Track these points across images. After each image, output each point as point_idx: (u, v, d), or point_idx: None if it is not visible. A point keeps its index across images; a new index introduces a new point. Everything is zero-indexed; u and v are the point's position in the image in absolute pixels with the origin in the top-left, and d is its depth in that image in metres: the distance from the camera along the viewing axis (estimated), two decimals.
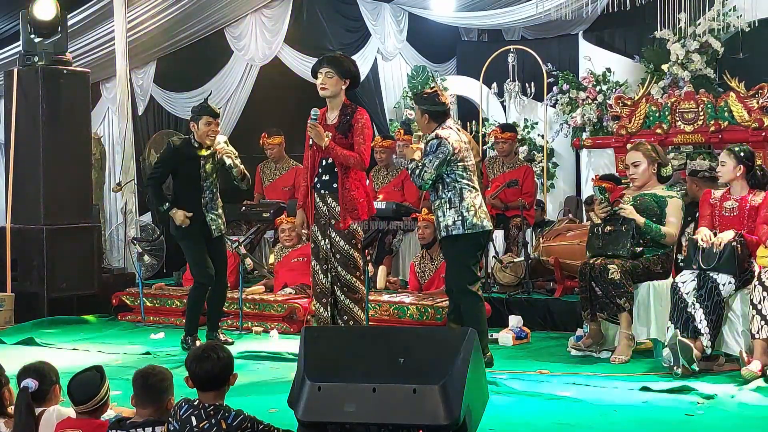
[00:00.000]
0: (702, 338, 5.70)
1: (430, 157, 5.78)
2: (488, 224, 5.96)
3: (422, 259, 8.04)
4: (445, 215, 5.84)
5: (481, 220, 5.85)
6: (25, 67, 8.47)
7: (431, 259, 7.95)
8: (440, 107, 5.90)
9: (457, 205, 5.82)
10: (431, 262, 7.95)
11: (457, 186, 5.83)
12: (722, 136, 8.12)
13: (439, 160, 5.76)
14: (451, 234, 5.83)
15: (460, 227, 5.80)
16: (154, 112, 10.95)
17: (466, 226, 5.80)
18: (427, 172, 5.77)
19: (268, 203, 9.17)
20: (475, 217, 5.81)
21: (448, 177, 5.83)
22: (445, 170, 5.81)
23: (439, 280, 7.80)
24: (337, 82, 5.87)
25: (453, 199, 5.83)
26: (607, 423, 4.71)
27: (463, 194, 5.83)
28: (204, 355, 3.46)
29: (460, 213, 5.80)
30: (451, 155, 5.78)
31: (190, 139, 6.84)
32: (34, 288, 8.22)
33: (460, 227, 5.80)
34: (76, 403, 3.52)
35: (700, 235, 5.92)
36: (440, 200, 5.87)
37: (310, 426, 3.44)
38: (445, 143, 5.78)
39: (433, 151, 5.79)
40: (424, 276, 7.98)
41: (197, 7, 10.12)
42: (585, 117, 10.73)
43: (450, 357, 3.43)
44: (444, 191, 5.85)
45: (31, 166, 8.38)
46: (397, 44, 11.94)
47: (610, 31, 11.38)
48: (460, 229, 5.80)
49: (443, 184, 5.86)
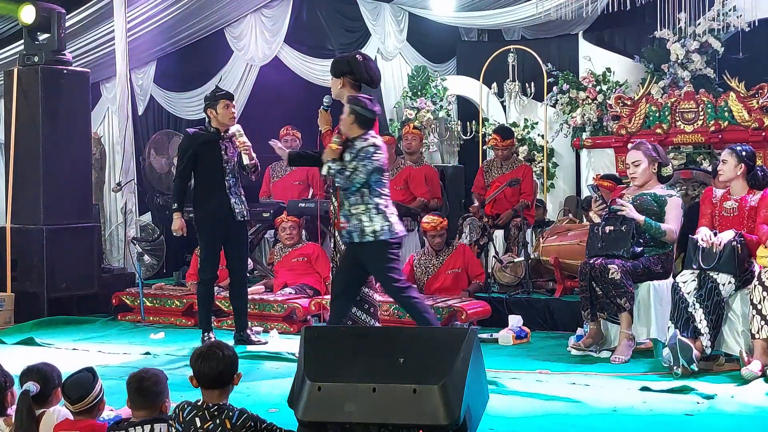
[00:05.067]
0: (702, 338, 5.70)
1: (365, 161, 5.83)
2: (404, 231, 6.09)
3: (425, 256, 7.98)
4: (373, 220, 5.88)
5: (401, 227, 5.99)
6: (25, 67, 8.47)
7: (436, 255, 7.90)
8: (370, 115, 5.96)
9: (384, 212, 5.91)
10: (436, 257, 7.90)
11: (381, 193, 5.93)
12: (722, 136, 8.12)
13: (373, 166, 5.85)
14: (380, 239, 5.87)
15: (387, 232, 5.87)
16: (154, 112, 10.97)
17: (392, 232, 5.89)
18: (359, 176, 5.82)
19: (268, 203, 9.17)
20: (398, 225, 5.93)
21: (375, 184, 5.92)
22: (374, 178, 5.90)
23: (445, 277, 7.80)
24: (335, 82, 6.01)
25: (380, 205, 5.91)
26: (606, 423, 4.71)
27: (387, 202, 5.96)
28: (209, 353, 3.47)
29: (387, 219, 5.89)
30: (382, 164, 5.91)
31: (206, 126, 6.90)
32: (34, 288, 8.22)
33: (388, 232, 5.87)
34: (71, 402, 3.53)
35: (700, 235, 5.92)
36: (365, 206, 5.90)
37: (310, 426, 3.45)
38: (380, 152, 5.90)
39: (368, 156, 5.85)
40: (426, 273, 7.92)
41: (197, 7, 10.13)
42: (585, 117, 10.73)
43: (450, 357, 3.44)
44: (371, 197, 5.90)
45: (31, 166, 8.38)
46: (397, 44, 11.94)
47: (610, 31, 11.38)
48: (388, 234, 5.87)
49: (370, 190, 5.91)
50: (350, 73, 5.98)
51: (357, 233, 5.84)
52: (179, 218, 6.84)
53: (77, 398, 3.53)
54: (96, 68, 9.69)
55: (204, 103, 6.97)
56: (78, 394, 3.54)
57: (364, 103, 5.90)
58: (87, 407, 3.55)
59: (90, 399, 3.55)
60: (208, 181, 6.80)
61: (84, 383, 3.57)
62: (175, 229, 6.89)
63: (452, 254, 7.90)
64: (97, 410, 3.61)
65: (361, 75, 6.03)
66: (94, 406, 3.58)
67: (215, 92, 7.01)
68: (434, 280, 7.86)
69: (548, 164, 11.03)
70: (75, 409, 3.54)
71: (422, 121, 11.57)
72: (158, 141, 10.29)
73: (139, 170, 9.84)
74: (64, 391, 3.57)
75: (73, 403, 3.53)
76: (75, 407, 3.54)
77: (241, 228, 6.95)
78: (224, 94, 6.94)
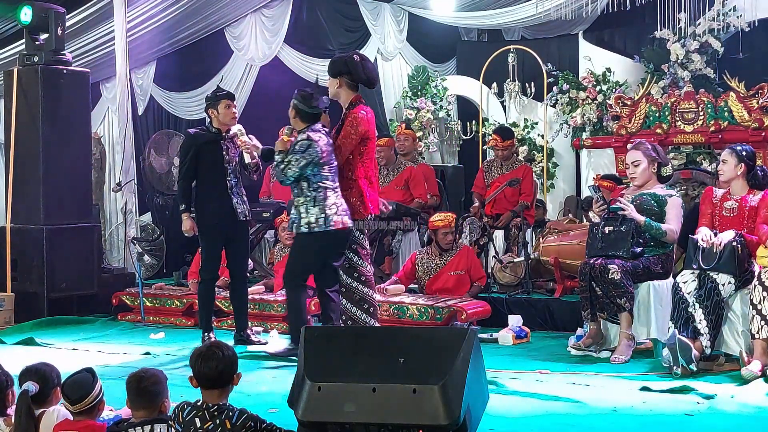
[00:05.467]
0: (701, 338, 5.70)
1: (297, 156, 6.01)
2: (349, 222, 6.16)
3: (429, 255, 7.94)
4: (309, 212, 6.07)
5: (342, 218, 6.06)
6: (25, 67, 8.47)
7: (439, 255, 7.86)
8: (308, 109, 6.13)
9: (321, 204, 6.04)
10: (439, 257, 7.87)
11: (321, 186, 6.05)
12: (722, 136, 8.12)
13: (305, 161, 6.00)
14: (313, 231, 6.05)
15: (323, 224, 6.01)
16: (154, 112, 10.96)
17: (328, 223, 6.00)
18: (291, 169, 6.02)
19: (269, 203, 9.17)
20: (336, 216, 6.02)
21: (314, 177, 6.06)
22: (311, 171, 6.03)
23: (447, 278, 7.79)
24: (332, 82, 6.10)
25: (318, 198, 6.05)
26: (607, 423, 4.71)
27: (327, 194, 6.06)
28: (209, 353, 3.47)
29: (324, 211, 6.02)
30: (318, 158, 5.99)
31: (207, 126, 6.91)
32: (34, 288, 8.21)
33: (323, 224, 6.01)
34: (71, 402, 3.53)
35: (700, 235, 5.92)
36: (304, 198, 6.10)
37: (310, 426, 3.45)
38: (314, 146, 6.01)
39: (301, 151, 6.01)
40: (429, 271, 7.88)
41: (197, 7, 10.13)
42: (585, 117, 10.73)
43: (450, 357, 3.43)
44: (309, 190, 6.07)
45: (31, 166, 8.38)
46: (397, 44, 11.95)
47: (610, 31, 11.38)
48: (323, 226, 6.02)
49: (309, 183, 6.08)
50: (347, 73, 6.01)
51: (295, 224, 6.09)
52: (188, 219, 6.82)
53: (77, 399, 3.53)
54: (96, 68, 9.69)
55: (205, 104, 6.98)
56: (78, 394, 3.54)
57: (307, 96, 6.07)
58: (87, 407, 3.55)
59: (90, 399, 3.55)
60: (210, 181, 6.80)
61: (84, 383, 3.57)
62: (185, 230, 6.85)
63: (456, 255, 7.85)
64: (96, 411, 3.60)
65: (358, 75, 6.04)
66: (94, 407, 3.58)
67: (216, 92, 7.02)
68: (435, 279, 7.83)
69: (548, 164, 11.03)
70: (75, 409, 3.54)
71: (422, 121, 11.58)
72: (158, 141, 10.29)
73: (139, 170, 9.84)
74: (64, 391, 3.57)
75: (72, 404, 3.53)
76: (75, 408, 3.53)
77: (242, 228, 6.95)
78: (225, 94, 6.95)
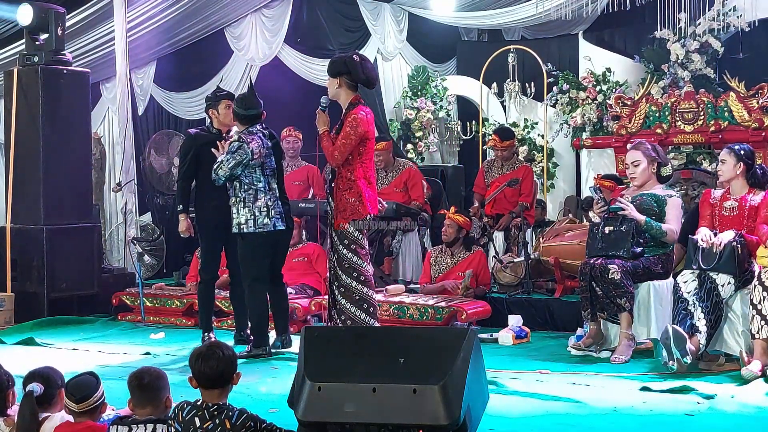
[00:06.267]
0: (699, 335, 5.70)
1: (227, 156, 6.18)
2: (280, 225, 6.31)
3: (441, 254, 7.97)
4: (239, 213, 6.25)
5: (272, 220, 6.21)
6: (25, 67, 8.47)
7: (451, 255, 7.90)
8: (245, 112, 6.33)
9: (250, 205, 6.20)
10: (451, 257, 7.90)
11: (253, 188, 6.21)
12: (722, 136, 8.12)
13: (235, 161, 6.16)
14: (243, 231, 6.24)
15: (251, 226, 6.20)
16: (154, 112, 10.97)
17: (257, 225, 6.18)
18: (222, 170, 6.18)
19: None
20: (267, 218, 6.17)
21: (246, 178, 6.22)
22: (243, 172, 6.19)
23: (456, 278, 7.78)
24: (332, 82, 6.08)
25: (248, 199, 6.21)
26: (607, 423, 4.71)
27: (258, 195, 6.21)
28: (208, 353, 3.47)
29: (253, 213, 6.19)
30: (249, 159, 6.16)
31: (207, 127, 6.94)
32: (34, 288, 8.22)
33: (252, 226, 6.20)
34: (75, 401, 3.53)
35: (700, 235, 5.92)
36: (236, 198, 6.28)
37: (310, 426, 3.45)
38: (244, 147, 6.19)
39: (232, 152, 6.18)
40: (439, 270, 7.92)
41: (197, 7, 10.14)
42: (585, 117, 10.72)
43: (450, 357, 3.43)
44: (240, 191, 6.24)
45: (31, 166, 8.38)
46: (397, 44, 11.94)
47: (610, 31, 11.37)
48: (252, 227, 6.20)
49: (240, 184, 6.24)
50: (347, 73, 6.00)
51: (233, 226, 6.27)
52: (185, 219, 6.85)
53: (81, 398, 3.54)
54: (96, 68, 9.69)
55: (205, 104, 6.98)
56: (82, 393, 3.55)
57: (242, 99, 6.29)
58: (89, 408, 3.55)
59: (93, 400, 3.56)
60: (210, 181, 6.80)
61: (88, 384, 3.58)
62: (181, 230, 6.90)
63: (468, 257, 7.85)
64: (98, 413, 3.61)
65: (357, 75, 6.04)
66: (96, 408, 3.59)
67: (216, 93, 7.03)
68: (444, 278, 7.84)
69: (548, 164, 11.03)
70: (78, 408, 3.54)
71: (422, 121, 11.58)
72: (158, 141, 10.29)
73: (139, 170, 9.84)
74: (68, 390, 3.58)
75: (77, 402, 3.54)
76: (78, 407, 3.54)
77: None
78: (226, 94, 6.96)
